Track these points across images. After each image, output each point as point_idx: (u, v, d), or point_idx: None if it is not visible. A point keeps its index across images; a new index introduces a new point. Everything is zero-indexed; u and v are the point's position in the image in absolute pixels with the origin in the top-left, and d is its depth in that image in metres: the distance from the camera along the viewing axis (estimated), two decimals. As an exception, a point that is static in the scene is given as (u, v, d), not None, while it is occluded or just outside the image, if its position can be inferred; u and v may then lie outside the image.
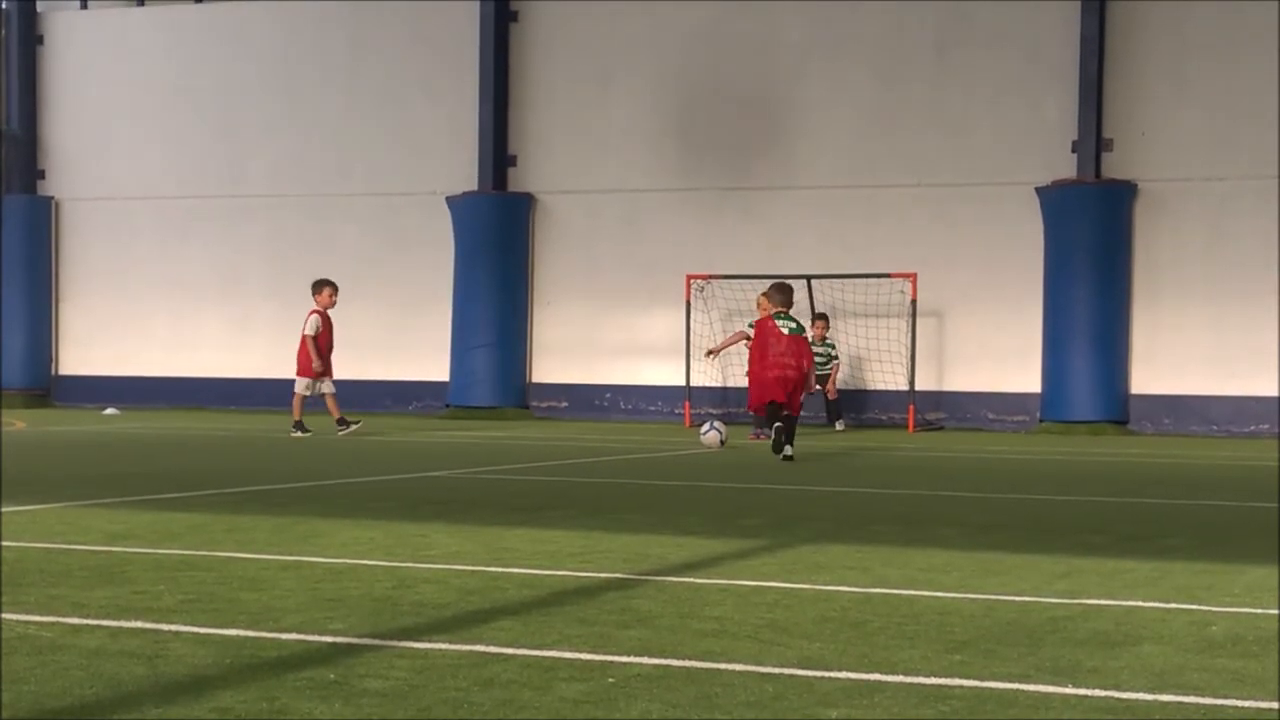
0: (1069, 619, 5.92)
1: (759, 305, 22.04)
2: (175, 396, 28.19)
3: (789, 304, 16.07)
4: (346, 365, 24.64)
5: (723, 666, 4.92)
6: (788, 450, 15.32)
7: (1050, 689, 4.66)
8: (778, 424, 15.46)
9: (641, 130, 25.92)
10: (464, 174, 26.62)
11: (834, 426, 23.35)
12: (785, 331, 15.67)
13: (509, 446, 17.79)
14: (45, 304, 29.19)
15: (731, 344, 22.09)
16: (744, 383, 22.59)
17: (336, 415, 19.60)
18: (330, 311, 19.74)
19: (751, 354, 16.23)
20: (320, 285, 19.78)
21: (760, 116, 25.23)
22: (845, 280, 24.18)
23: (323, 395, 19.69)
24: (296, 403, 19.51)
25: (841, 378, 24.00)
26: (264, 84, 27.98)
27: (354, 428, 19.54)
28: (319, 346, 19.46)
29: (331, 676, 4.68)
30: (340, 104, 27.52)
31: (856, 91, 24.85)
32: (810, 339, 22.80)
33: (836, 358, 23.59)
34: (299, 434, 19.13)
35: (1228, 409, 23.34)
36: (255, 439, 18.92)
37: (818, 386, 23.24)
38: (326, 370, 19.59)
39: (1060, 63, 23.83)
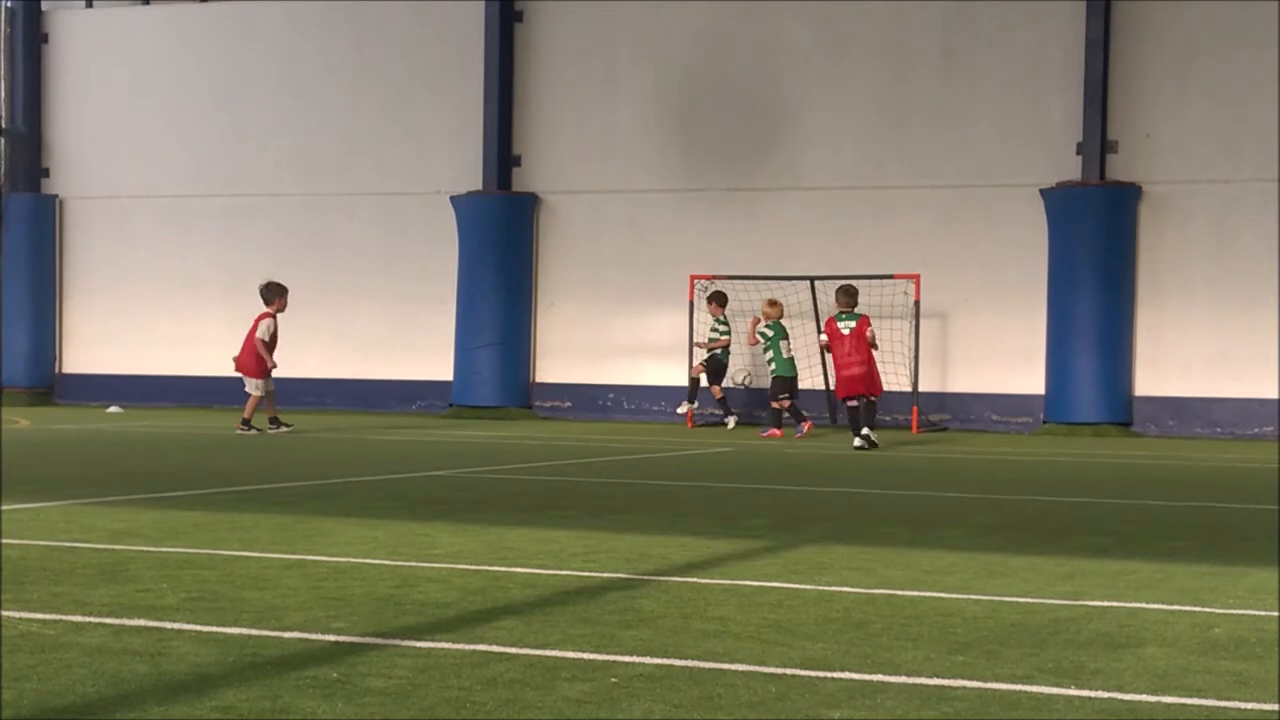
0: (1072, 620, 5.92)
1: (765, 314, 22.27)
2: (178, 395, 28.20)
3: (853, 304, 18.82)
4: (349, 364, 24.71)
5: (725, 667, 4.92)
6: (865, 433, 17.92)
7: (1053, 690, 4.65)
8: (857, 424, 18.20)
9: (646, 130, 25.91)
10: (468, 173, 26.61)
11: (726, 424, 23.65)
12: (845, 331, 18.36)
13: (512, 446, 17.79)
14: (49, 302, 29.19)
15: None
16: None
17: (273, 413, 19.76)
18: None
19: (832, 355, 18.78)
20: (281, 290, 19.98)
21: (764, 117, 25.21)
22: (849, 281, 24.13)
23: (269, 393, 19.78)
24: (254, 404, 19.65)
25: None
26: (268, 83, 27.98)
27: (285, 429, 19.58)
28: (270, 349, 19.72)
29: (334, 675, 4.68)
30: (345, 103, 27.52)
31: (861, 92, 24.83)
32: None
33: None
34: (250, 432, 19.26)
35: (1231, 411, 23.31)
36: (258, 438, 18.92)
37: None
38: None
39: (1065, 64, 23.81)
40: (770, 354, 22.15)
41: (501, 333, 26.06)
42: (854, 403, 18.33)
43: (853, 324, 18.40)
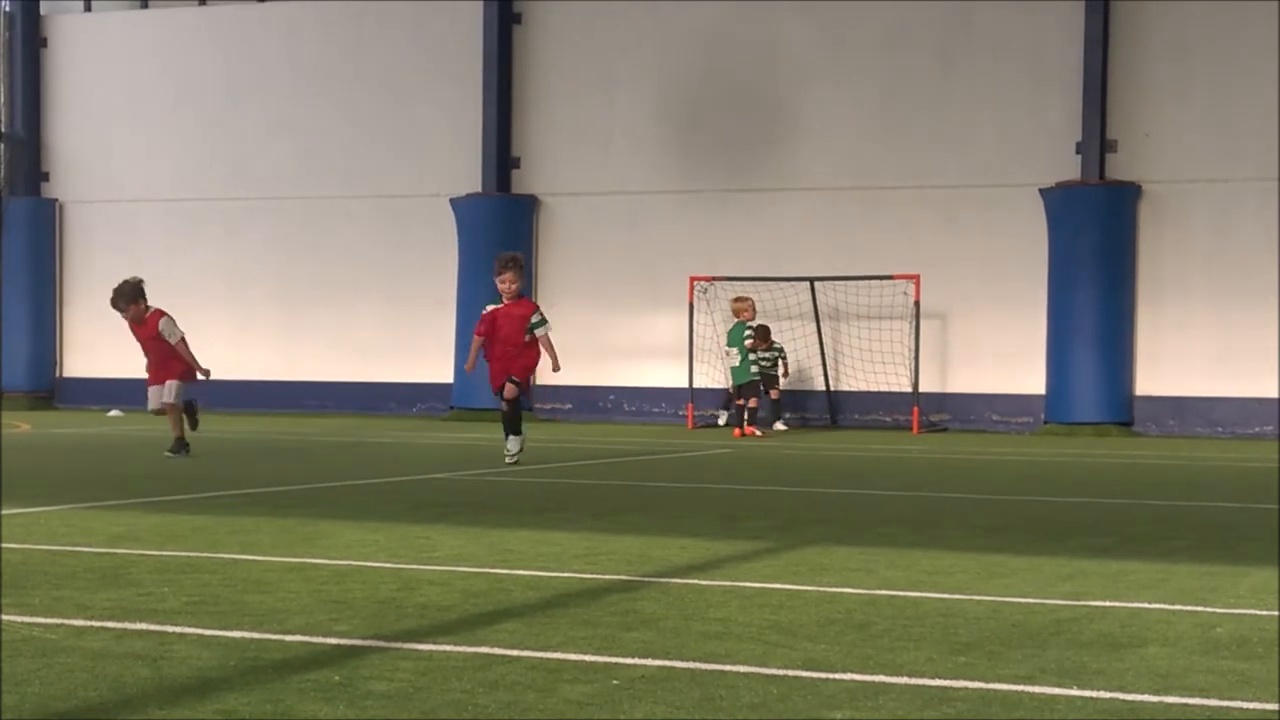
0: (1074, 621, 5.91)
1: (741, 310, 22.33)
2: (179, 399, 28.16)
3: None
4: (350, 367, 24.71)
5: (727, 668, 4.92)
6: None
7: (1055, 691, 4.65)
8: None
9: (645, 132, 25.91)
10: (467, 176, 26.62)
11: (773, 427, 23.40)
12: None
13: (513, 448, 17.74)
14: (49, 306, 29.20)
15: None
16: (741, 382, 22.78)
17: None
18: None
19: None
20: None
21: (763, 118, 25.22)
22: (849, 282, 24.17)
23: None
24: None
25: (789, 380, 24.01)
26: (267, 86, 27.99)
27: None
28: None
29: (336, 678, 4.68)
30: (343, 106, 27.52)
31: (860, 93, 24.84)
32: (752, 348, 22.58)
33: (784, 358, 23.77)
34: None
35: (1232, 410, 23.32)
36: (258, 441, 18.92)
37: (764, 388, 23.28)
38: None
39: (1064, 64, 23.81)
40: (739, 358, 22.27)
41: (501, 335, 26.01)
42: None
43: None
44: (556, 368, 15.27)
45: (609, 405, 26.19)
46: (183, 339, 15.69)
